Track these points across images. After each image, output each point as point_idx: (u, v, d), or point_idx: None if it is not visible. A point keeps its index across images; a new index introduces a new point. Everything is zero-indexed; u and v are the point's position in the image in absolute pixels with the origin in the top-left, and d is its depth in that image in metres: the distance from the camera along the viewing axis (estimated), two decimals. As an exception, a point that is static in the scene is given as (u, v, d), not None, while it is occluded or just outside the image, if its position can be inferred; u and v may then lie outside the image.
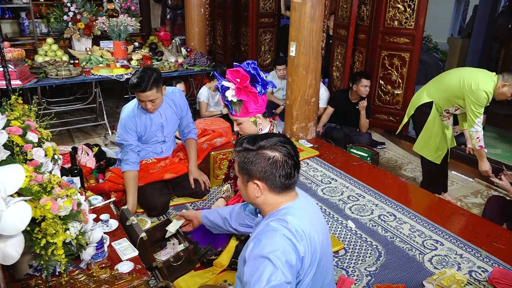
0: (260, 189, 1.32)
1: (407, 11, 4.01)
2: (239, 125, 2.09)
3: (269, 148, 1.31)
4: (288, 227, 1.24)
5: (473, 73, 2.97)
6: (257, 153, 1.31)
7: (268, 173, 1.30)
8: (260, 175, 1.31)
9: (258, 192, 1.33)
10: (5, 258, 1.21)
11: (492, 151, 4.21)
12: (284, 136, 1.41)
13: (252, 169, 1.31)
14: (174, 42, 5.04)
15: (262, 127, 2.11)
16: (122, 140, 2.67)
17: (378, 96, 4.45)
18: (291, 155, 1.32)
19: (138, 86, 2.48)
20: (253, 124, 2.07)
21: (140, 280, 1.60)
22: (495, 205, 2.80)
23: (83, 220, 1.54)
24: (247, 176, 1.34)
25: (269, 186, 1.32)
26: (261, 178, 1.31)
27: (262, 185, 1.32)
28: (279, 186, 1.31)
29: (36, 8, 5.39)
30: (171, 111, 2.79)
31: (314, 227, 1.31)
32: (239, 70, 1.96)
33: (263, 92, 2.01)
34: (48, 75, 3.94)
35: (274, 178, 1.30)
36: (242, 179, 1.37)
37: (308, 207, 1.39)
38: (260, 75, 1.97)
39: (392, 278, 2.17)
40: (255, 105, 2.01)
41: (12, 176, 1.25)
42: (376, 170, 3.52)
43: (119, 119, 2.72)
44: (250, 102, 1.99)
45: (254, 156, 1.31)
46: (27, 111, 1.89)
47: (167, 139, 2.88)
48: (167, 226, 2.17)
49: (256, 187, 1.33)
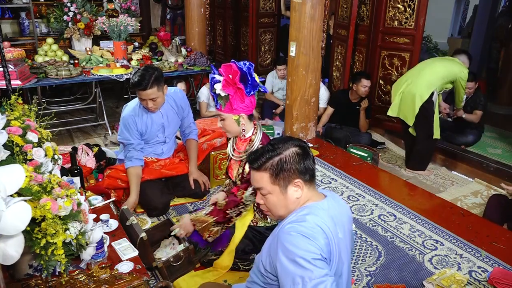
0: (300, 186, 1.29)
1: (407, 11, 4.01)
2: (222, 120, 2.08)
3: (286, 147, 1.29)
4: (305, 225, 1.21)
5: (450, 61, 3.61)
6: (282, 154, 1.28)
7: (301, 166, 1.27)
8: (298, 171, 1.27)
9: (298, 192, 1.29)
10: (5, 258, 1.21)
11: (492, 151, 4.21)
12: (286, 136, 1.44)
13: (288, 169, 1.26)
14: (174, 42, 5.04)
15: (245, 128, 2.08)
16: (123, 139, 2.67)
17: (378, 96, 4.45)
18: (303, 144, 1.33)
19: (139, 85, 2.47)
20: (235, 123, 2.04)
21: (140, 280, 1.60)
22: (496, 204, 2.80)
23: (83, 220, 1.54)
24: (286, 181, 1.28)
25: (305, 180, 1.29)
26: (299, 174, 1.28)
27: (301, 182, 1.28)
28: (310, 176, 1.30)
29: (36, 8, 5.38)
30: (172, 111, 2.79)
31: (339, 229, 1.28)
32: (232, 65, 1.96)
33: (252, 93, 1.99)
34: (48, 75, 3.93)
35: (307, 168, 1.28)
36: (279, 188, 1.29)
37: (336, 211, 1.32)
38: (252, 75, 1.95)
39: (392, 278, 2.17)
40: (241, 103, 2.00)
41: (12, 176, 1.25)
42: (376, 170, 3.52)
43: (121, 117, 2.71)
44: (235, 98, 1.98)
45: (283, 158, 1.27)
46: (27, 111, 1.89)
47: (168, 139, 2.88)
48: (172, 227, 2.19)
49: (296, 188, 1.29)
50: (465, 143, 4.17)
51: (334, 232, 1.25)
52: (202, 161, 3.06)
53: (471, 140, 4.21)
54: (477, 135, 4.25)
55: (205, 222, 2.09)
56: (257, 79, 1.99)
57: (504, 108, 5.59)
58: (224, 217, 2.08)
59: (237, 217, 2.12)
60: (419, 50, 4.06)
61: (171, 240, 2.29)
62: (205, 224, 2.08)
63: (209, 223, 2.08)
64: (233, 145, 2.23)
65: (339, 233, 1.28)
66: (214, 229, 2.09)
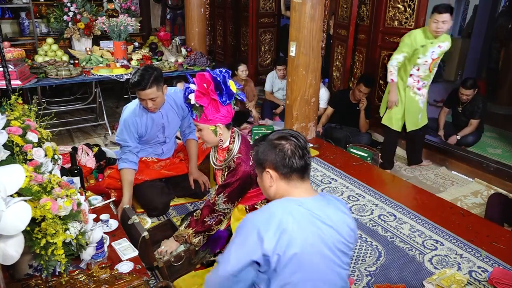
0: (272, 177, 1.38)
1: (407, 11, 4.01)
2: (199, 131, 2.05)
3: (276, 138, 1.38)
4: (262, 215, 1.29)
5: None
6: (267, 144, 1.39)
7: (278, 160, 1.35)
8: (271, 163, 1.37)
9: (271, 181, 1.39)
10: (5, 258, 1.21)
11: (492, 151, 4.21)
12: (292, 130, 1.45)
13: (263, 159, 1.39)
14: (174, 42, 5.04)
15: (223, 138, 2.04)
16: (121, 140, 2.65)
17: (378, 96, 4.45)
18: (299, 143, 1.37)
19: (138, 84, 2.46)
20: (212, 133, 2.01)
21: (140, 280, 1.60)
22: (497, 202, 2.80)
23: (83, 220, 1.54)
24: (261, 168, 1.41)
25: (279, 174, 1.36)
26: (272, 166, 1.37)
27: (274, 174, 1.37)
28: (289, 172, 1.35)
29: (36, 8, 5.38)
30: (172, 111, 2.78)
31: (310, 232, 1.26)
32: (205, 74, 1.92)
33: (228, 102, 1.94)
34: (48, 75, 3.93)
35: (284, 164, 1.34)
36: (258, 172, 1.45)
37: (321, 211, 1.31)
38: (227, 84, 1.91)
39: (392, 278, 2.17)
40: (216, 113, 1.95)
41: (12, 176, 1.25)
42: (376, 170, 3.52)
43: (120, 119, 2.70)
44: (210, 109, 1.94)
45: (264, 148, 1.39)
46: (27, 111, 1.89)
47: (168, 140, 2.88)
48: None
49: (269, 176, 1.38)
50: (465, 143, 4.17)
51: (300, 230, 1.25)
52: (202, 161, 3.06)
53: (471, 140, 4.21)
54: (477, 135, 4.25)
55: (186, 235, 2.12)
56: (233, 87, 1.94)
57: (504, 108, 5.59)
58: (203, 226, 2.10)
59: (217, 226, 2.12)
60: (419, 50, 4.05)
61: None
62: (187, 237, 2.12)
63: (190, 235, 2.11)
64: (214, 154, 2.21)
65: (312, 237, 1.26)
66: (196, 240, 2.12)
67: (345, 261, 1.34)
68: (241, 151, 2.05)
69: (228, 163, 2.07)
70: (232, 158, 2.04)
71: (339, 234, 1.31)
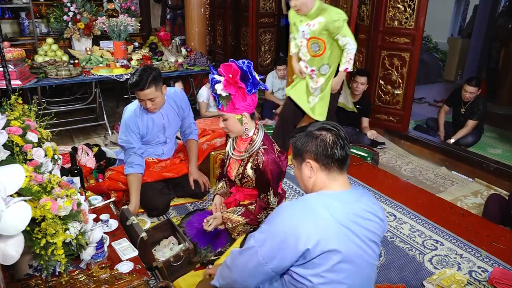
0: (313, 168, 1.36)
1: (407, 11, 4.01)
2: (224, 120, 2.07)
3: (316, 129, 1.37)
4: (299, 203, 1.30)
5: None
6: (307, 135, 1.38)
7: (319, 150, 1.34)
8: (312, 153, 1.35)
9: (311, 172, 1.37)
10: (5, 258, 1.21)
11: (492, 151, 4.21)
12: (331, 122, 1.44)
13: (303, 150, 1.37)
14: (174, 42, 5.04)
15: (248, 127, 2.08)
16: (124, 143, 2.63)
17: (378, 96, 4.45)
18: (339, 134, 1.36)
19: (136, 85, 2.46)
20: (238, 122, 2.05)
21: (140, 280, 1.60)
22: (495, 203, 2.80)
23: (83, 220, 1.54)
24: (300, 159, 1.39)
25: (320, 164, 1.35)
26: (312, 156, 1.35)
27: (315, 164, 1.36)
28: (331, 163, 1.34)
29: (36, 8, 5.38)
30: (173, 112, 2.78)
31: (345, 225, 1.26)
32: (231, 64, 1.95)
33: (253, 91, 1.99)
34: (48, 75, 3.93)
35: (325, 154, 1.33)
36: (296, 163, 1.43)
37: (356, 204, 1.33)
38: (252, 73, 1.95)
39: (392, 278, 2.17)
40: (243, 102, 1.99)
41: (12, 176, 1.25)
42: (376, 170, 3.52)
43: (121, 121, 2.70)
44: (237, 97, 1.98)
45: (304, 138, 1.38)
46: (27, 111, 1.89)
47: (169, 140, 2.88)
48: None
49: (309, 167, 1.37)
50: (465, 143, 4.17)
51: (343, 220, 1.25)
52: (202, 161, 3.06)
53: (471, 140, 4.21)
54: (477, 135, 4.26)
55: (236, 222, 2.14)
56: (257, 77, 1.98)
57: (504, 108, 5.60)
58: (256, 221, 2.15)
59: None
60: (419, 50, 4.06)
61: (171, 240, 2.29)
62: (236, 224, 2.14)
63: (239, 224, 2.14)
64: (233, 144, 2.22)
65: (351, 225, 1.27)
66: (243, 229, 2.17)
67: (377, 251, 1.35)
68: (265, 142, 2.10)
69: (251, 154, 2.10)
70: (257, 150, 2.08)
71: (372, 225, 1.33)
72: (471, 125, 4.12)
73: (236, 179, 2.21)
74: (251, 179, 2.14)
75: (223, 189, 2.38)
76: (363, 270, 1.30)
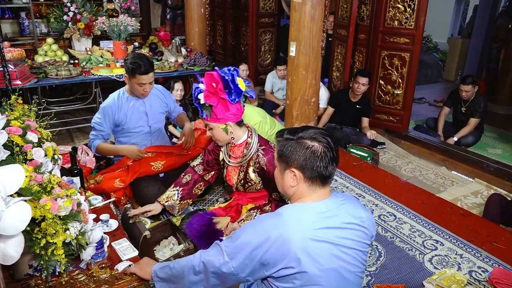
0: (296, 177, 1.32)
1: (407, 11, 4.01)
2: (209, 130, 2.07)
3: (308, 138, 1.32)
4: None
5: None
6: (297, 142, 1.32)
7: (306, 162, 1.30)
8: (298, 163, 1.31)
9: (294, 181, 1.33)
10: (5, 258, 1.21)
11: (492, 151, 4.21)
12: (324, 129, 1.41)
13: (290, 157, 1.32)
14: (174, 42, 5.04)
15: (235, 135, 2.05)
16: (97, 124, 2.75)
17: (378, 96, 4.45)
18: (331, 147, 1.33)
19: (142, 68, 2.57)
20: (223, 131, 2.02)
21: (140, 280, 1.60)
22: (497, 203, 2.80)
23: (83, 220, 1.54)
24: (285, 164, 1.35)
25: (304, 176, 1.31)
26: (298, 166, 1.31)
27: (299, 174, 1.32)
28: (315, 177, 1.31)
29: (36, 8, 5.38)
30: (158, 101, 2.89)
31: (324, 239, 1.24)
32: (213, 73, 1.93)
33: (237, 100, 1.95)
34: (48, 75, 3.93)
35: (312, 167, 1.30)
36: (280, 167, 1.38)
37: (329, 216, 1.29)
38: (235, 82, 1.91)
39: (392, 278, 2.17)
40: (226, 112, 1.96)
41: (12, 176, 1.24)
42: (376, 170, 3.52)
43: (101, 105, 2.82)
44: (219, 108, 1.95)
45: (294, 145, 1.32)
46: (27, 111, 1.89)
47: (154, 129, 2.91)
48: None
49: (293, 175, 1.33)
50: (465, 143, 4.17)
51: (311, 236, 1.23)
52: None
53: (471, 140, 4.21)
54: (477, 135, 4.25)
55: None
56: (242, 85, 1.93)
57: (504, 108, 5.60)
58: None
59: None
60: (419, 50, 4.06)
61: (171, 240, 2.29)
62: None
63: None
64: (227, 151, 2.20)
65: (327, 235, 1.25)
66: None
67: (360, 258, 1.32)
68: (261, 143, 2.08)
69: (250, 157, 2.07)
70: (255, 152, 2.06)
71: (353, 233, 1.30)
72: (473, 123, 4.12)
73: (238, 185, 2.19)
74: (255, 182, 2.13)
75: (171, 200, 2.31)
76: (343, 279, 1.27)
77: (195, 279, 1.37)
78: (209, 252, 1.35)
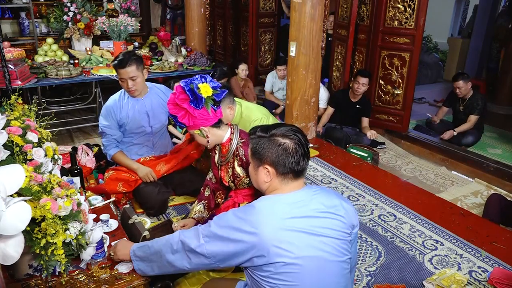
0: (269, 173, 1.38)
1: (407, 11, 4.01)
2: (192, 135, 2.15)
3: (280, 135, 1.37)
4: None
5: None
6: (269, 140, 1.37)
7: (279, 159, 1.35)
8: (271, 160, 1.36)
9: (267, 177, 1.39)
10: (5, 258, 1.21)
11: (492, 151, 4.21)
12: (295, 126, 1.45)
13: (263, 154, 1.37)
14: (174, 42, 5.04)
15: (215, 137, 2.11)
16: (105, 127, 2.74)
17: (378, 96, 4.45)
18: (301, 143, 1.38)
19: (119, 63, 2.56)
20: (200, 136, 2.09)
21: (140, 280, 1.60)
22: (496, 203, 2.80)
23: (83, 220, 1.54)
24: (258, 161, 1.40)
25: (277, 172, 1.37)
26: (271, 163, 1.36)
27: (272, 170, 1.37)
28: (287, 172, 1.36)
29: (36, 8, 5.38)
30: (160, 102, 2.84)
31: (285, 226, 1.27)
32: (177, 87, 2.00)
33: (201, 106, 1.98)
34: (48, 75, 3.93)
35: (284, 164, 1.35)
36: (253, 164, 1.44)
37: (301, 206, 1.33)
38: (193, 90, 1.94)
39: (392, 278, 2.17)
40: (194, 119, 2.01)
41: (12, 176, 1.24)
42: (376, 170, 3.52)
43: (103, 107, 2.81)
44: (185, 117, 2.01)
45: (266, 142, 1.37)
46: (27, 111, 1.89)
47: (156, 129, 2.88)
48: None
49: (266, 172, 1.38)
50: (465, 143, 4.17)
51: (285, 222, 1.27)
52: (202, 160, 3.05)
53: (471, 140, 4.21)
54: (477, 135, 4.26)
55: None
56: (204, 91, 1.94)
57: (504, 108, 5.60)
58: None
59: None
60: (419, 50, 4.06)
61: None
62: None
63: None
64: (219, 153, 2.25)
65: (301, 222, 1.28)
66: None
67: (340, 248, 1.32)
68: (242, 136, 2.13)
69: (234, 152, 2.12)
70: (236, 146, 2.11)
71: (330, 222, 1.32)
72: (473, 120, 4.13)
73: (230, 182, 2.22)
74: (242, 176, 2.15)
75: (200, 213, 2.34)
76: (322, 268, 1.29)
77: (172, 258, 1.42)
78: (188, 233, 1.40)
